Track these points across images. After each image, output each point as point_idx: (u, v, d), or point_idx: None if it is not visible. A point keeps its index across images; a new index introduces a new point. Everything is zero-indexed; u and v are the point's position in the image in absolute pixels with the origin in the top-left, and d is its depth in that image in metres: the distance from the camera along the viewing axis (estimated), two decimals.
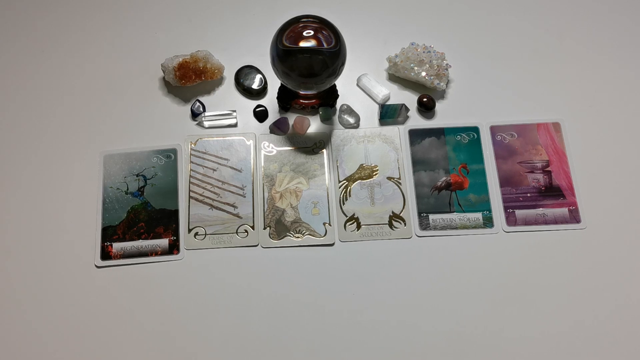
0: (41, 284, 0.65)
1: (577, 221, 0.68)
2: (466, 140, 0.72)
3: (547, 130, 0.72)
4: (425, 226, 0.68)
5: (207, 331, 0.63)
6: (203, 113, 0.73)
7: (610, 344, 0.62)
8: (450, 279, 0.65)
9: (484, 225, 0.68)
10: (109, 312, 0.64)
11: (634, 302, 0.64)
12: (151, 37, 0.79)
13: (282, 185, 0.70)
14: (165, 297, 0.64)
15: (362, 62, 0.77)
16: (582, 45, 0.78)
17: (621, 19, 0.80)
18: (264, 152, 0.72)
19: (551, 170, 0.70)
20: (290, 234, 0.67)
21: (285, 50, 0.63)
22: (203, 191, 0.69)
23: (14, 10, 0.81)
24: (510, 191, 0.69)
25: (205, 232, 0.67)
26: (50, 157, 0.71)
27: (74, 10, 0.81)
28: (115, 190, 0.69)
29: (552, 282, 0.65)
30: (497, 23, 0.80)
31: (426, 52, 0.74)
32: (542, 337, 0.62)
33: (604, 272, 0.65)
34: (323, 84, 0.65)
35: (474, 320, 0.63)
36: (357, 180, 0.70)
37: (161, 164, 0.71)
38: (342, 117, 0.73)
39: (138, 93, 0.75)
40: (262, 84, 0.75)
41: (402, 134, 0.73)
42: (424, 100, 0.73)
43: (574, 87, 0.75)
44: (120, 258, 0.66)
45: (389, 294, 0.64)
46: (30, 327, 0.63)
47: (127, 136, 0.72)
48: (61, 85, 0.76)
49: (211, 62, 0.74)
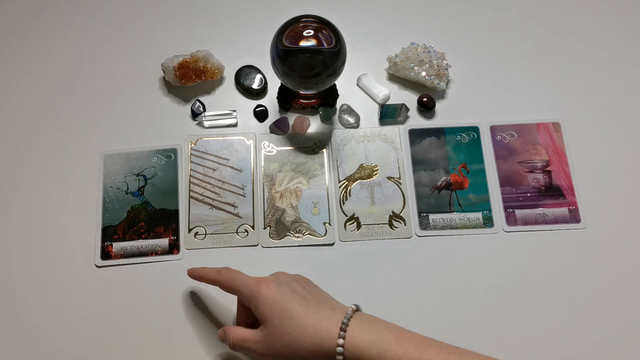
0: (41, 283, 0.65)
1: (577, 221, 0.68)
2: (466, 140, 0.72)
3: (547, 130, 0.73)
4: (425, 226, 0.68)
5: (207, 331, 0.63)
6: (203, 113, 0.73)
7: (610, 343, 0.62)
8: (450, 278, 0.65)
9: (484, 225, 0.68)
10: (109, 312, 0.64)
11: (634, 302, 0.64)
12: (151, 37, 0.79)
13: (282, 185, 0.70)
14: (166, 296, 0.64)
15: (362, 62, 0.77)
16: (582, 45, 0.78)
17: (621, 19, 0.80)
18: (264, 152, 0.72)
19: (551, 170, 0.70)
20: (290, 233, 0.67)
21: (285, 50, 0.63)
22: (203, 191, 0.69)
23: (14, 10, 0.81)
24: (510, 191, 0.69)
25: (206, 232, 0.67)
26: (50, 157, 0.71)
27: (73, 10, 0.81)
28: (115, 190, 0.69)
29: (552, 282, 0.65)
30: (497, 23, 0.80)
31: (426, 52, 0.74)
32: (542, 336, 0.62)
33: (604, 272, 0.65)
34: (323, 84, 0.65)
35: (473, 320, 0.63)
36: (357, 180, 0.70)
37: (161, 163, 0.71)
38: (342, 117, 0.73)
39: (138, 93, 0.75)
40: (262, 84, 0.75)
41: (402, 134, 0.73)
42: (424, 100, 0.73)
43: (574, 87, 0.75)
44: (120, 258, 0.66)
45: (389, 293, 0.64)
46: (30, 327, 0.63)
47: (127, 136, 0.72)
48: (61, 85, 0.76)
49: (211, 62, 0.74)
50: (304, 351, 0.49)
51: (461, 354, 0.46)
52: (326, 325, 0.49)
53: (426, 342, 0.47)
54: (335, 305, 0.52)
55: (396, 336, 0.48)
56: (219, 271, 0.57)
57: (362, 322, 0.49)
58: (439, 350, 0.46)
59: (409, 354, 0.46)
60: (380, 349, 0.47)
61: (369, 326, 0.49)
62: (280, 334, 0.50)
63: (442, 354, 0.46)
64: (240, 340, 0.53)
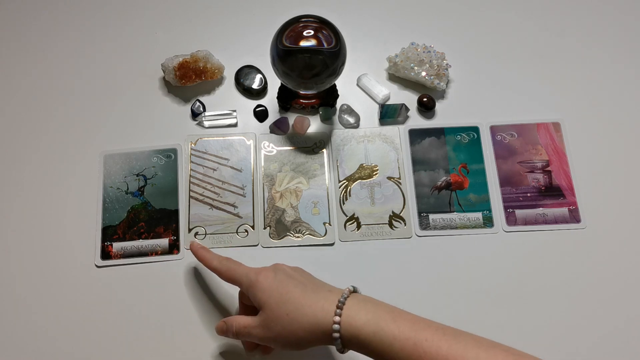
0: (41, 283, 0.65)
1: (577, 221, 0.68)
2: (466, 140, 0.72)
3: (547, 130, 0.73)
4: (425, 226, 0.68)
5: (207, 331, 0.63)
6: (203, 113, 0.73)
7: (610, 343, 0.62)
8: (450, 278, 0.65)
9: (484, 225, 0.68)
10: (109, 312, 0.64)
11: (633, 302, 0.64)
12: (151, 37, 0.79)
13: (282, 185, 0.70)
14: (166, 296, 0.64)
15: (362, 62, 0.77)
16: (582, 44, 0.78)
17: (621, 19, 0.80)
18: (264, 152, 0.72)
19: (551, 170, 0.70)
20: (290, 233, 0.67)
21: (285, 50, 0.63)
22: (203, 191, 0.69)
23: (14, 10, 0.81)
24: (510, 191, 0.69)
25: (206, 232, 0.67)
26: (51, 157, 0.71)
27: (73, 10, 0.81)
28: (115, 190, 0.69)
29: (552, 281, 0.65)
30: (497, 23, 0.80)
31: (426, 52, 0.74)
32: (542, 336, 0.62)
33: (604, 271, 0.65)
34: (323, 84, 0.65)
35: (474, 320, 0.63)
36: (357, 180, 0.70)
37: (161, 163, 0.71)
38: (342, 117, 0.73)
39: (138, 93, 0.75)
40: (262, 84, 0.75)
41: (402, 134, 0.73)
42: (424, 100, 0.73)
43: (574, 87, 0.75)
44: (120, 258, 0.66)
45: (389, 293, 0.64)
46: (30, 327, 0.63)
47: (127, 136, 0.72)
48: (61, 85, 0.76)
49: (211, 62, 0.74)
50: (303, 331, 0.49)
51: (456, 334, 0.46)
52: (323, 305, 0.49)
53: (423, 323, 0.47)
54: (332, 288, 0.52)
55: (393, 316, 0.48)
56: (220, 260, 0.58)
57: (359, 302, 0.50)
58: (435, 331, 0.46)
59: (405, 334, 0.46)
60: (377, 328, 0.47)
61: (365, 305, 0.49)
62: (279, 316, 0.50)
63: (438, 334, 0.46)
64: (242, 327, 0.54)
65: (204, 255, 0.60)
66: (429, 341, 0.45)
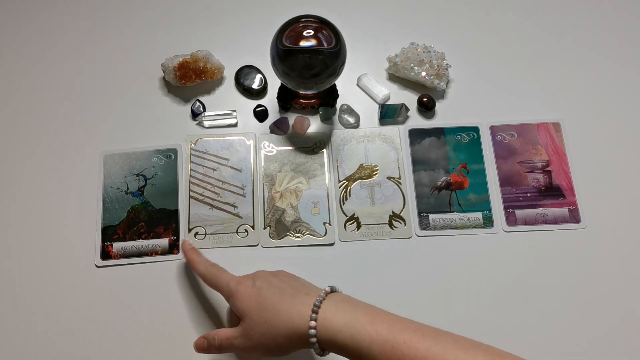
0: (41, 283, 0.65)
1: (577, 221, 0.68)
2: (466, 140, 0.72)
3: (547, 130, 0.73)
4: (425, 226, 0.68)
5: (207, 330, 0.63)
6: (203, 113, 0.73)
7: (610, 343, 0.62)
8: (450, 278, 0.65)
9: (484, 225, 0.68)
10: (109, 312, 0.64)
11: (633, 302, 0.64)
12: (151, 37, 0.79)
13: (282, 185, 0.70)
14: (166, 296, 0.64)
15: (362, 62, 0.77)
16: (582, 45, 0.78)
17: (621, 19, 0.80)
18: (264, 152, 0.72)
19: (551, 170, 0.70)
20: (290, 233, 0.67)
21: (285, 50, 0.63)
22: (203, 191, 0.69)
23: (14, 10, 0.81)
24: (510, 191, 0.69)
25: (206, 232, 0.67)
26: (50, 157, 0.71)
27: (73, 10, 0.81)
28: (115, 190, 0.69)
29: (552, 281, 0.65)
30: (497, 23, 0.80)
31: (426, 52, 0.74)
32: (542, 336, 0.62)
33: (604, 271, 0.65)
34: (323, 84, 0.65)
35: (473, 320, 0.63)
36: (357, 180, 0.70)
37: (161, 163, 0.71)
38: (342, 117, 0.73)
39: (138, 93, 0.75)
40: (262, 84, 0.75)
41: (402, 134, 0.73)
42: (424, 100, 0.73)
43: (574, 87, 0.75)
44: (120, 258, 0.66)
45: (389, 293, 0.64)
46: (30, 327, 0.63)
47: (127, 136, 0.72)
48: (61, 85, 0.76)
49: (211, 62, 0.74)
50: (281, 337, 0.49)
51: (436, 335, 0.45)
52: (299, 309, 0.49)
53: (401, 324, 0.46)
54: (310, 290, 0.51)
55: (371, 318, 0.47)
56: (207, 266, 0.58)
57: (336, 304, 0.49)
58: (414, 333, 0.45)
59: (383, 336, 0.45)
60: (354, 332, 0.46)
61: (343, 307, 0.48)
62: (257, 324, 0.50)
63: (417, 336, 0.45)
64: (224, 339, 0.53)
65: (192, 257, 0.60)
66: (407, 343, 0.44)
